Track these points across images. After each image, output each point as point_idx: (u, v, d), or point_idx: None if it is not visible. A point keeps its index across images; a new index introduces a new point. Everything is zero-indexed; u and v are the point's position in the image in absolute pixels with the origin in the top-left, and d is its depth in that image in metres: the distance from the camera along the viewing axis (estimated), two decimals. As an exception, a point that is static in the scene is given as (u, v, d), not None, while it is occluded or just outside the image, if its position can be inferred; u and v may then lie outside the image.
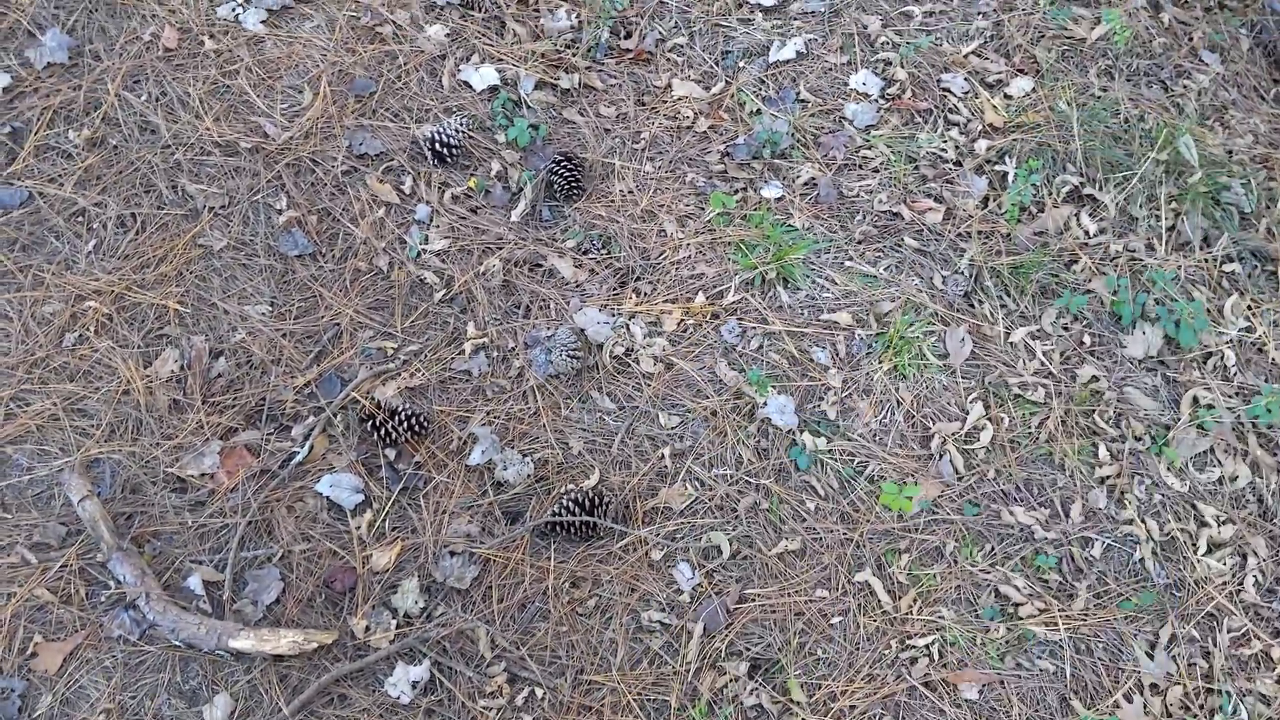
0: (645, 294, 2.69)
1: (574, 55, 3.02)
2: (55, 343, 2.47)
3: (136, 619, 2.19)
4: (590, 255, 2.74)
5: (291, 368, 2.50)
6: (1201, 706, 2.30)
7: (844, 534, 2.43)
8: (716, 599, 2.33)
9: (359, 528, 2.34)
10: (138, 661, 2.18)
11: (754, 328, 2.66)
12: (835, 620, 2.34)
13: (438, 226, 2.71)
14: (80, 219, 2.61)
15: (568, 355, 2.53)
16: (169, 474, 2.35)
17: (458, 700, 2.19)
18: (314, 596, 2.26)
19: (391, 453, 2.43)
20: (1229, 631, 2.39)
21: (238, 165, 2.72)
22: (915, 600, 2.37)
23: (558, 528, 2.34)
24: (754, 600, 2.35)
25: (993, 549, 2.45)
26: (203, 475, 2.36)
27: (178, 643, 2.16)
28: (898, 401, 2.59)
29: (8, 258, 2.54)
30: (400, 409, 2.41)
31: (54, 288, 2.51)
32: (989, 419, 2.59)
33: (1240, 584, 2.44)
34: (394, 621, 2.24)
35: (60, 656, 2.16)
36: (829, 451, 2.53)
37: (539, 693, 2.21)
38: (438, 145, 2.77)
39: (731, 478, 2.48)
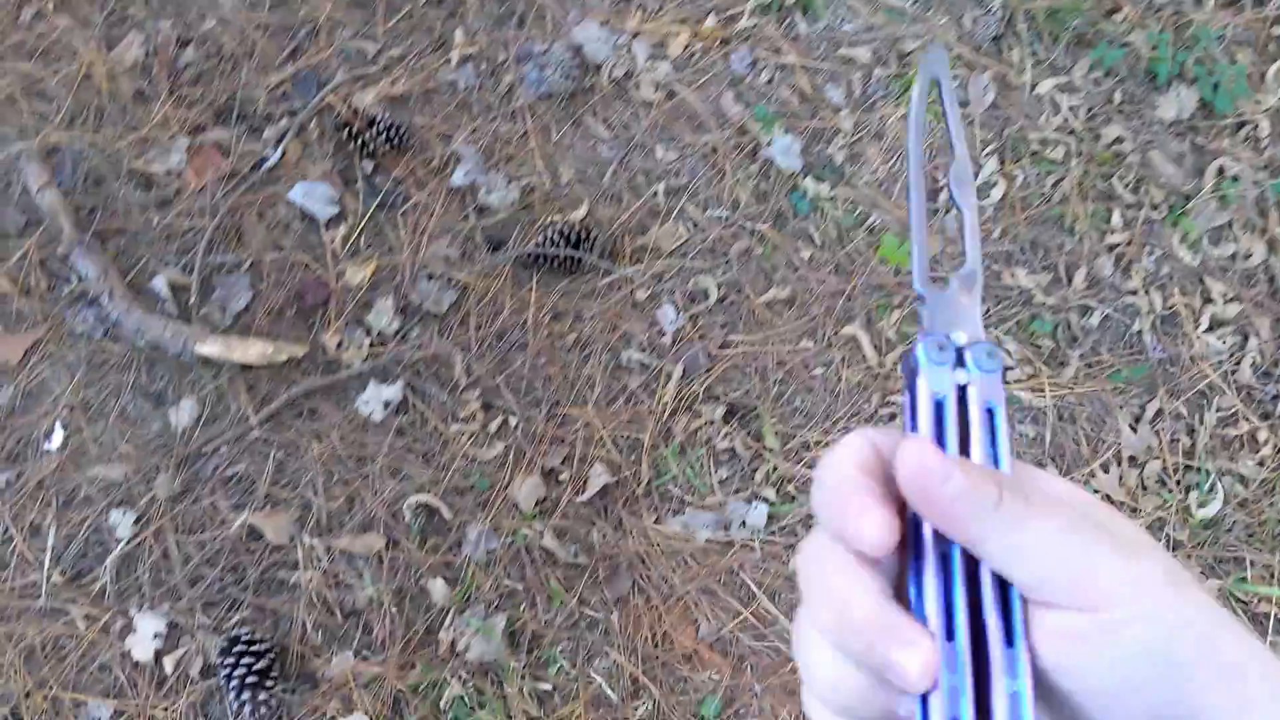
0: (651, 11, 2.48)
1: None
2: (12, 18, 2.28)
3: (100, 316, 2.12)
4: (594, -36, 2.51)
5: (265, 64, 2.32)
6: (1179, 483, 2.29)
7: (836, 286, 2.34)
8: (699, 343, 2.26)
9: (333, 241, 2.23)
10: (101, 360, 2.12)
11: (766, 58, 2.47)
12: (817, 371, 2.29)
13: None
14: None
15: (562, 74, 2.36)
16: (133, 169, 2.22)
17: (430, 422, 2.15)
18: (284, 309, 2.18)
19: (369, 165, 2.29)
20: (1217, 411, 2.35)
21: None
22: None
23: (541, 260, 2.24)
24: (737, 346, 2.28)
25: (989, 310, 2.37)
26: (169, 173, 2.23)
27: (142, 344, 2.10)
28: (908, 149, 2.44)
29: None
30: (380, 118, 2.26)
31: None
32: (1002, 174, 2.45)
33: (1237, 364, 2.38)
34: (368, 340, 2.18)
35: (21, 349, 2.10)
36: (831, 199, 2.40)
37: (512, 421, 2.17)
38: None
39: (726, 220, 2.36)
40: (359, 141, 2.26)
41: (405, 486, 2.10)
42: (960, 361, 0.52)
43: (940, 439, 0.50)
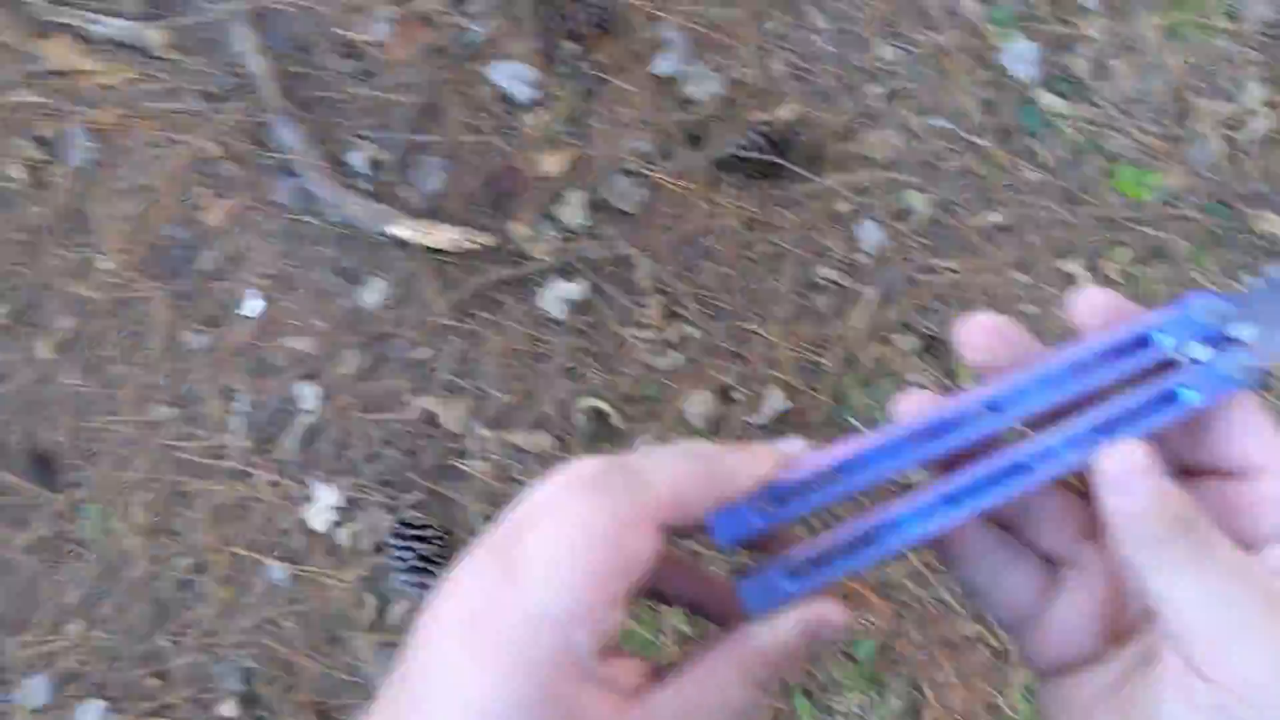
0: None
1: None
2: None
3: (299, 188, 2.14)
4: None
5: (476, -68, 2.24)
6: None
7: (1061, 215, 2.14)
8: (900, 265, 2.12)
9: (530, 126, 2.17)
10: (299, 233, 2.15)
11: (1012, -48, 2.23)
12: (1027, 308, 2.12)
13: None
14: None
15: (785, -41, 2.19)
16: (340, 36, 2.20)
17: (608, 325, 2.11)
18: (477, 194, 2.15)
19: (573, 46, 2.20)
20: None
21: None
22: (1123, 302, 2.11)
23: (740, 162, 2.12)
24: (942, 274, 2.13)
25: (1230, 258, 2.13)
26: (375, 43, 2.20)
27: (337, 219, 2.11)
28: (1164, 67, 2.18)
29: None
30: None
31: None
32: (1269, 104, 2.16)
33: None
34: (555, 234, 2.13)
35: (225, 213, 2.15)
36: (1067, 116, 2.18)
37: (691, 332, 2.11)
38: None
39: (945, 131, 2.18)
40: (564, 21, 2.16)
41: (579, 387, 2.08)
42: (1211, 344, 0.46)
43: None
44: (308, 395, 2.07)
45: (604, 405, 2.06)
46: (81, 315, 2.12)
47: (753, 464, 0.47)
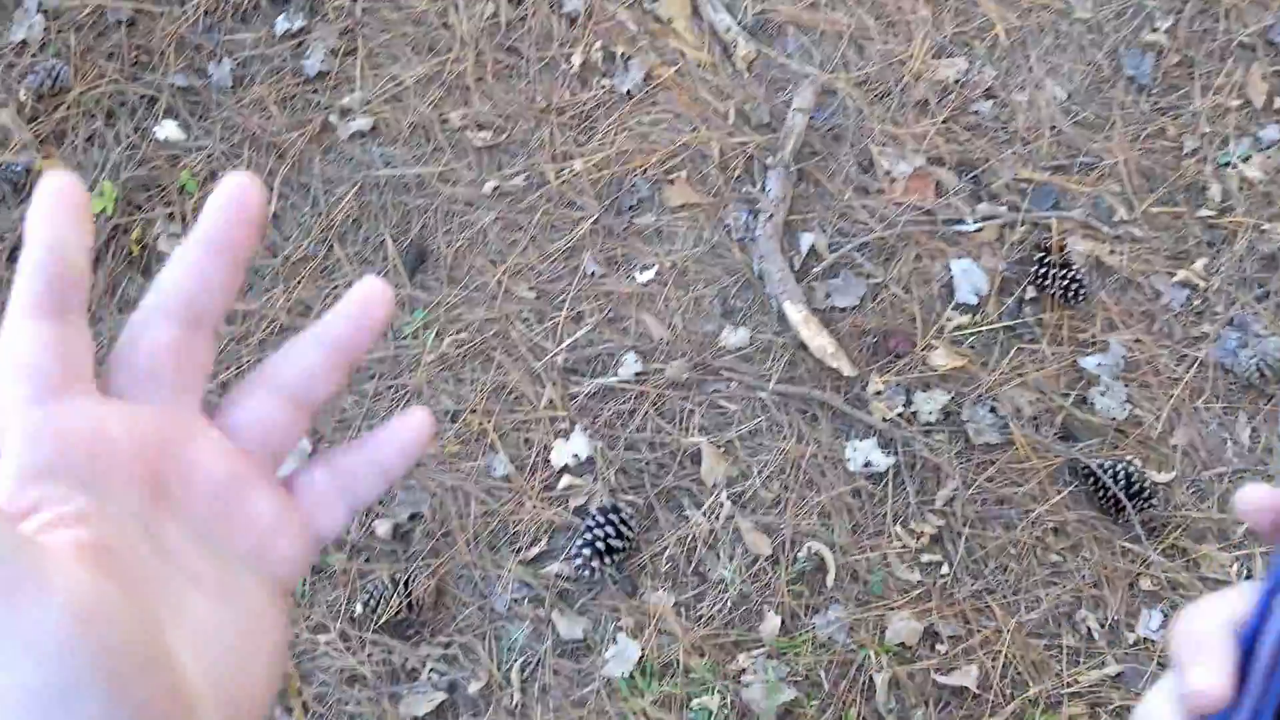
0: None
1: None
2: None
3: (749, 225, 2.34)
4: None
5: (1032, 158, 2.39)
6: None
7: None
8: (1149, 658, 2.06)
9: (950, 320, 2.28)
10: (720, 253, 2.34)
11: None
12: None
13: (1268, 157, 2.38)
14: (1001, -95, 2.58)
15: (1258, 364, 2.20)
16: (867, 150, 2.40)
17: (885, 509, 2.16)
18: (869, 332, 2.28)
19: (1032, 292, 2.30)
20: None
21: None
22: None
23: (1092, 479, 2.14)
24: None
25: None
26: (889, 174, 2.39)
27: (755, 266, 2.29)
28: None
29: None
30: (1074, 268, 2.26)
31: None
32: None
33: None
34: (900, 409, 2.22)
35: (684, 199, 2.38)
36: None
37: (944, 569, 2.13)
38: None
39: None
40: (1042, 270, 2.27)
41: (822, 531, 2.14)
42: None
43: None
44: (629, 365, 2.25)
45: (830, 560, 2.11)
46: (531, 184, 2.40)
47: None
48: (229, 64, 2.49)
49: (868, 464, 2.19)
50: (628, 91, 2.45)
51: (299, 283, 2.35)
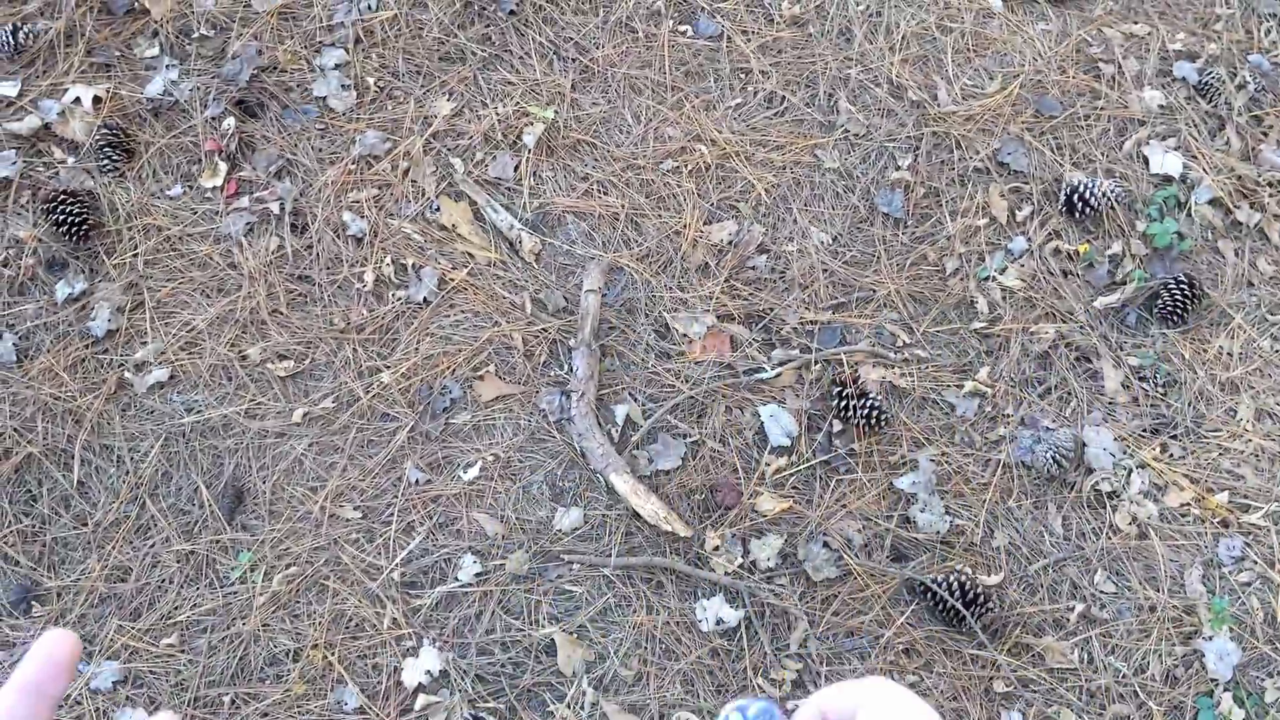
0: (1173, 457, 2.42)
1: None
2: (655, 164, 2.68)
3: (564, 407, 2.39)
4: (1144, 384, 2.50)
5: (812, 301, 2.54)
6: None
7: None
8: (1024, 767, 2.12)
9: (768, 465, 2.36)
10: (541, 438, 2.38)
11: (1256, 564, 2.32)
12: None
13: (1021, 265, 2.59)
14: (743, 76, 2.79)
15: (1054, 456, 2.35)
16: (660, 317, 2.51)
17: (744, 663, 2.19)
18: (696, 491, 2.34)
19: (838, 425, 2.41)
20: None
21: (893, 109, 2.75)
22: None
23: (928, 595, 2.23)
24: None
25: None
26: (685, 335, 2.49)
27: (577, 445, 2.34)
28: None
29: (665, 76, 2.78)
30: (871, 396, 2.38)
31: (683, 119, 2.72)
32: None
33: None
34: (740, 559, 2.27)
35: (496, 392, 2.42)
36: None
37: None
38: (1076, 197, 2.63)
39: (1125, 679, 2.21)
40: (842, 403, 2.39)
41: (688, 699, 2.14)
42: None
43: None
44: (467, 568, 2.23)
45: (699, 726, 2.11)
46: (341, 404, 2.40)
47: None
48: (10, 338, 2.43)
49: (719, 621, 2.21)
50: (424, 299, 2.50)
51: (113, 547, 2.27)
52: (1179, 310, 2.53)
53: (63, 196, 2.49)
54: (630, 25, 2.84)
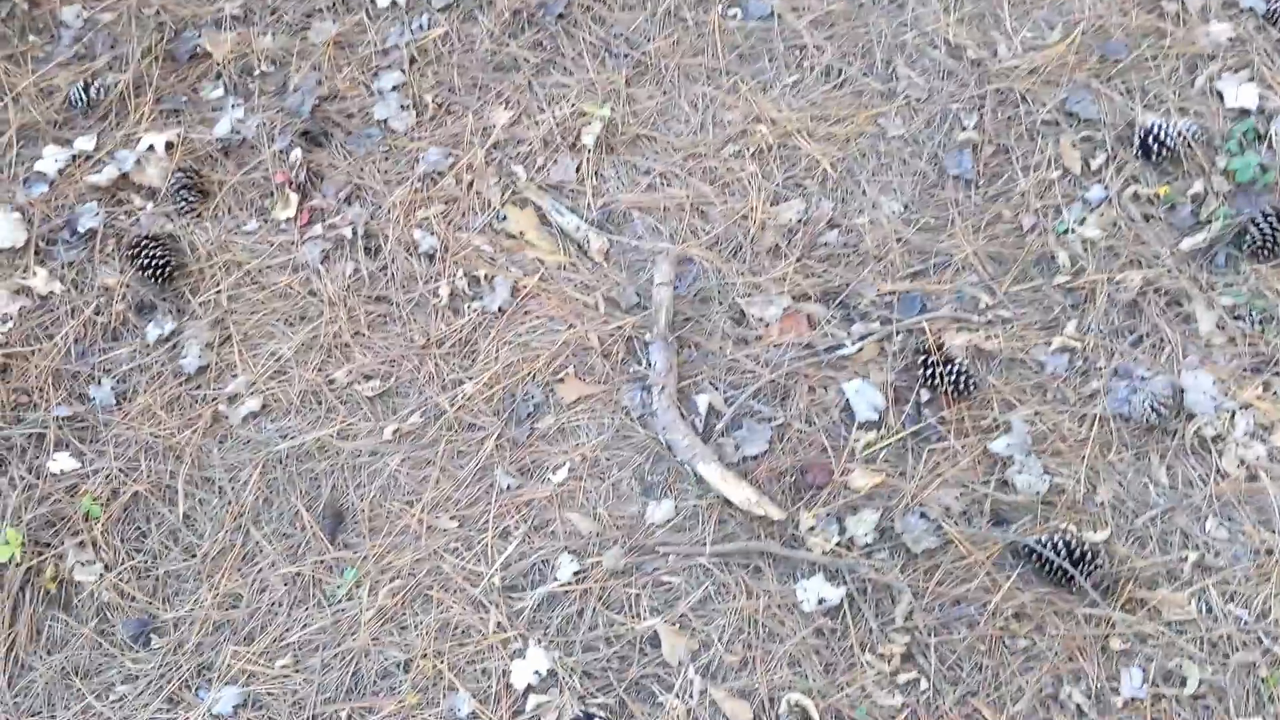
0: (1276, 392, 2.33)
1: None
2: (715, 150, 2.67)
3: (645, 402, 2.40)
4: (1240, 323, 2.41)
5: (888, 271, 2.51)
6: None
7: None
8: (1149, 725, 2.06)
9: (857, 441, 2.34)
10: (626, 435, 2.39)
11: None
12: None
13: (1100, 215, 2.53)
14: (798, 52, 2.77)
15: (1152, 405, 2.29)
16: (735, 303, 2.50)
17: (850, 640, 2.17)
18: (786, 474, 2.32)
19: (926, 394, 2.37)
20: None
21: (953, 70, 2.71)
22: None
23: (1035, 556, 2.18)
24: (1189, 753, 2.04)
25: None
26: (761, 320, 2.47)
27: (662, 438, 2.34)
28: None
29: (718, 61, 2.76)
30: (957, 362, 2.34)
31: (741, 102, 2.71)
32: None
33: None
34: (837, 538, 2.24)
35: (578, 394, 2.43)
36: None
37: (923, 684, 2.12)
38: (1151, 139, 2.55)
39: (1243, 623, 2.14)
40: (928, 371, 2.35)
41: (796, 681, 2.13)
42: None
43: None
44: (565, 567, 2.25)
45: (812, 709, 2.10)
46: (428, 418, 2.43)
47: None
48: (109, 382, 2.52)
49: (821, 600, 2.19)
50: (499, 309, 2.53)
51: (222, 576, 2.33)
52: (1269, 244, 2.44)
53: (145, 241, 2.57)
54: (679, 15, 2.83)
